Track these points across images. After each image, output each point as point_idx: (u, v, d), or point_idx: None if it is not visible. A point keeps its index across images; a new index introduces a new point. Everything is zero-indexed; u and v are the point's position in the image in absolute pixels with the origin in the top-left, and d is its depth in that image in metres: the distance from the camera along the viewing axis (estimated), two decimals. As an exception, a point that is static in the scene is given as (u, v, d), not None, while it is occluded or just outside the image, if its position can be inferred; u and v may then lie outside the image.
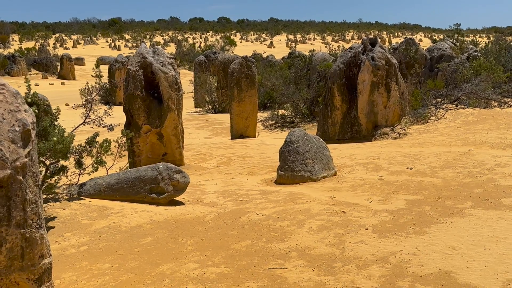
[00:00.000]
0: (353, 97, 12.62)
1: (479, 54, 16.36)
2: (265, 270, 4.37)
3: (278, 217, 5.87)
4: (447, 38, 19.24)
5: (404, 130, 11.98)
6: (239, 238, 5.29)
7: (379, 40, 12.97)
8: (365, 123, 12.34)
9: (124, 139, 7.65)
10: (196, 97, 24.91)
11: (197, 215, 6.11)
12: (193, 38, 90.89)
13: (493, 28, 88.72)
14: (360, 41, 15.80)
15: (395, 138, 11.54)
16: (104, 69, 35.06)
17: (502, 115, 11.88)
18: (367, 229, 5.25)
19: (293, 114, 16.86)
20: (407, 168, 8.05)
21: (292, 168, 7.98)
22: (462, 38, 20.84)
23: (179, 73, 9.92)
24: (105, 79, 31.86)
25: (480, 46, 23.08)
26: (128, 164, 7.76)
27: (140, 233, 5.51)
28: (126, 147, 8.26)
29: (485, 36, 78.26)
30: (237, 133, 14.59)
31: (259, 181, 8.40)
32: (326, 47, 59.26)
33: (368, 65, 12.05)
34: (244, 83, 14.29)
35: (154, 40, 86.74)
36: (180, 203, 6.67)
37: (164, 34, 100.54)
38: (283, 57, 35.56)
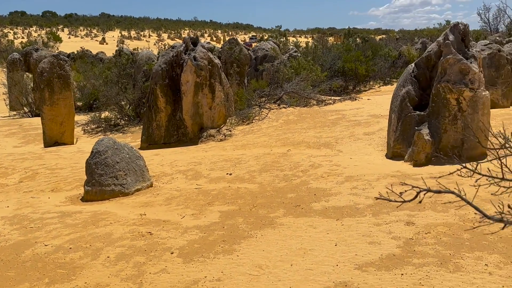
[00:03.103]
0: (178, 99, 12.06)
1: (299, 54, 17.12)
2: (35, 327, 3.49)
3: (70, 248, 4.96)
4: (271, 38, 19.89)
5: (230, 131, 11.79)
6: (15, 280, 4.28)
7: (202, 39, 12.59)
8: (191, 125, 11.88)
9: None
10: (11, 100, 22.03)
11: (-37, 255, 4.89)
12: (14, 34, 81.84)
13: (316, 29, 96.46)
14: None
15: (221, 140, 11.28)
16: None
17: (320, 114, 12.42)
18: (172, 253, 4.66)
19: (118, 117, 15.69)
20: (227, 174, 7.72)
21: (101, 182, 7.06)
22: (284, 39, 21.74)
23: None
24: None
25: (302, 46, 24.48)
26: None
27: None
28: None
29: (310, 37, 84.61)
30: (51, 140, 12.99)
31: (63, 199, 7.30)
32: (154, 44, 57.96)
33: (190, 65, 11.58)
34: (57, 84, 12.76)
35: (-35, 34, 75.85)
36: None
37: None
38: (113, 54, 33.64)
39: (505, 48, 12.45)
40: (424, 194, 1.71)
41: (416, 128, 7.73)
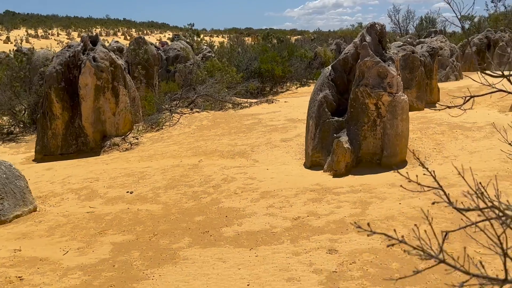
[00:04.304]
0: (77, 104, 10.78)
1: (213, 55, 16.32)
2: None
3: None
4: (183, 37, 18.92)
5: (137, 139, 10.72)
6: None
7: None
8: (92, 134, 10.65)
9: None
10: None
11: None
12: None
13: (234, 29, 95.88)
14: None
15: (126, 149, 10.18)
16: None
17: (235, 118, 11.69)
18: (43, 308, 3.67)
19: (12, 124, 13.97)
20: (127, 192, 6.73)
21: (-31, 209, 5.81)
22: (198, 38, 20.83)
23: None
24: None
25: (216, 46, 23.68)
26: None
27: None
28: None
29: (227, 36, 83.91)
30: None
31: None
32: (58, 44, 54.38)
33: (89, 66, 10.36)
34: None
35: None
36: None
37: None
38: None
39: (417, 49, 12.47)
40: None
41: (335, 135, 7.22)
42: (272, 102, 14.06)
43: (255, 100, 14.45)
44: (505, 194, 5.03)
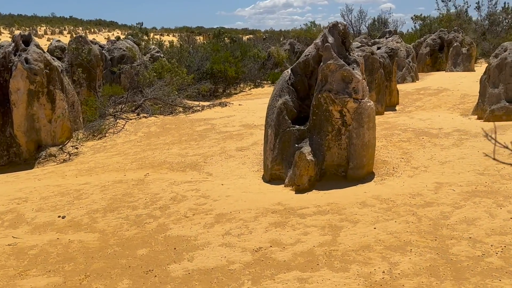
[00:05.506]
0: (8, 110, 9.64)
1: (161, 55, 15.36)
2: None
3: None
4: (130, 37, 17.81)
5: (77, 148, 9.69)
6: None
7: (35, 38, 10.25)
8: (25, 144, 9.53)
9: None
10: None
11: None
12: None
13: (185, 28, 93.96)
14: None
15: (64, 160, 9.15)
16: None
17: (186, 124, 10.84)
18: None
19: None
20: (59, 216, 5.79)
21: None
22: (146, 37, 19.75)
23: None
24: None
25: (166, 45, 22.63)
26: None
27: None
28: None
29: (178, 35, 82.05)
30: None
31: None
32: None
33: (21, 69, 9.25)
34: None
35: None
36: None
37: None
38: None
39: (374, 49, 12.02)
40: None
41: (297, 145, 6.54)
42: (226, 105, 13.27)
43: (208, 103, 13.63)
44: (490, 215, 4.50)
